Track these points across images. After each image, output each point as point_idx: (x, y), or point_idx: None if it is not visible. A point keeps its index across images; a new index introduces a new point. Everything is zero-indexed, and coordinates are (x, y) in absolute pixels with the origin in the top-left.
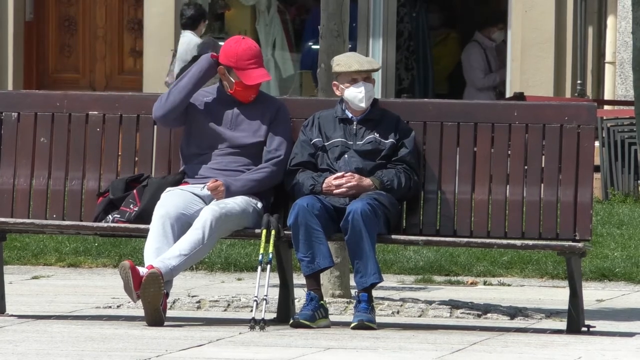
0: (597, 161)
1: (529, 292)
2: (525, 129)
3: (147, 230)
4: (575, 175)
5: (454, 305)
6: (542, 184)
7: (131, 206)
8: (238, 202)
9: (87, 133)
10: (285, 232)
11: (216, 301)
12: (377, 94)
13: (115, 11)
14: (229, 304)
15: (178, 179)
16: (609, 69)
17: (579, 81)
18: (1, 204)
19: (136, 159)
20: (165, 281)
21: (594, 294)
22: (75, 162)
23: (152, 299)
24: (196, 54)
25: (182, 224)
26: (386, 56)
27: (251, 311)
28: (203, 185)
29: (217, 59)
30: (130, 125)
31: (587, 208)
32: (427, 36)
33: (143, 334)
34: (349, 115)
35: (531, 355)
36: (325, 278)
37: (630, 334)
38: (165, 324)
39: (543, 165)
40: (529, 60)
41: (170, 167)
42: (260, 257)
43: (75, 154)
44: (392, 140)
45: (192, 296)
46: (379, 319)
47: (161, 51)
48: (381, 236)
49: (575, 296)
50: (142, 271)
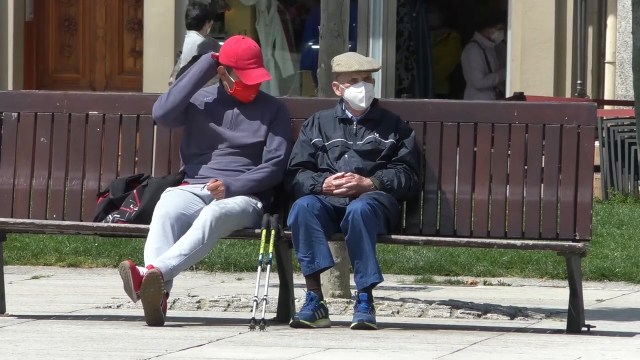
0: (597, 161)
1: (529, 292)
2: (525, 129)
3: (147, 230)
4: (575, 175)
5: (454, 305)
6: (542, 184)
7: (131, 206)
8: (238, 202)
9: (87, 133)
10: (285, 232)
11: (216, 301)
12: (377, 94)
13: (115, 11)
14: (229, 304)
15: (178, 179)
16: (609, 69)
17: (579, 81)
18: (1, 204)
19: (136, 159)
20: (165, 281)
21: (594, 294)
22: (75, 162)
23: (152, 299)
24: (196, 54)
25: (182, 224)
26: (386, 56)
27: (251, 311)
28: (203, 185)
29: (217, 59)
30: (130, 125)
31: (587, 208)
32: (427, 36)
33: (143, 334)
34: (349, 115)
35: (531, 355)
36: (325, 278)
37: (630, 334)
38: (165, 324)
39: (543, 165)
40: (529, 60)
41: (170, 167)
42: (260, 257)
43: (75, 154)
44: (392, 140)
45: (192, 296)
46: (379, 319)
47: (161, 51)
48: (381, 236)
49: (575, 296)
50: (142, 271)
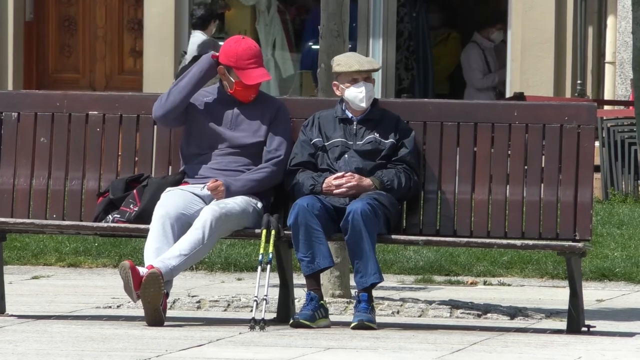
0: (597, 161)
1: (529, 292)
2: (525, 129)
3: (147, 230)
4: (575, 175)
5: (454, 305)
6: (542, 184)
7: (131, 206)
8: (238, 202)
9: (87, 133)
10: (285, 232)
11: (216, 301)
12: (377, 94)
13: (115, 11)
14: (229, 304)
15: (178, 179)
16: (609, 69)
17: (579, 81)
18: (1, 204)
19: (136, 159)
20: (165, 281)
21: (594, 294)
22: (75, 162)
23: (152, 299)
24: (196, 54)
25: (182, 224)
26: (386, 56)
27: (251, 311)
28: (203, 185)
29: (217, 58)
30: (130, 125)
31: (587, 208)
32: (427, 36)
33: (143, 334)
34: (349, 115)
35: (531, 355)
36: (325, 278)
37: (630, 334)
38: (165, 324)
39: (543, 165)
40: (529, 60)
41: (170, 167)
42: (260, 257)
43: (75, 154)
44: (392, 140)
45: (192, 296)
46: (379, 319)
47: (161, 51)
48: (381, 236)
49: (575, 296)
50: (142, 271)
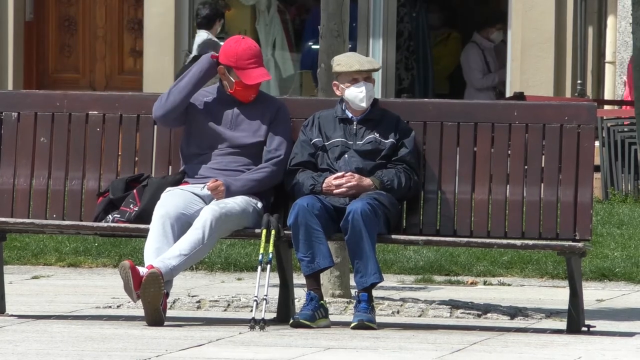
0: (597, 161)
1: (529, 292)
2: (525, 129)
3: (147, 230)
4: (575, 175)
5: (454, 305)
6: (542, 184)
7: (131, 206)
8: (238, 202)
9: (87, 133)
10: (285, 232)
11: (216, 301)
12: (377, 94)
13: (115, 11)
14: (229, 304)
15: (178, 179)
16: (609, 69)
17: (579, 81)
18: (1, 204)
19: (136, 159)
20: (165, 281)
21: (594, 294)
22: (75, 162)
23: (152, 298)
24: (196, 54)
25: (182, 224)
26: (386, 56)
27: (251, 311)
28: (203, 185)
29: (217, 58)
30: (130, 125)
31: (587, 208)
32: (427, 36)
33: (143, 334)
34: (349, 115)
35: (531, 355)
36: (325, 278)
37: (630, 334)
38: (165, 324)
39: (543, 165)
40: (529, 60)
41: (170, 167)
42: (260, 257)
43: (75, 154)
44: (392, 140)
45: (192, 296)
46: (379, 319)
47: (161, 51)
48: (381, 236)
49: (575, 296)
50: (142, 271)
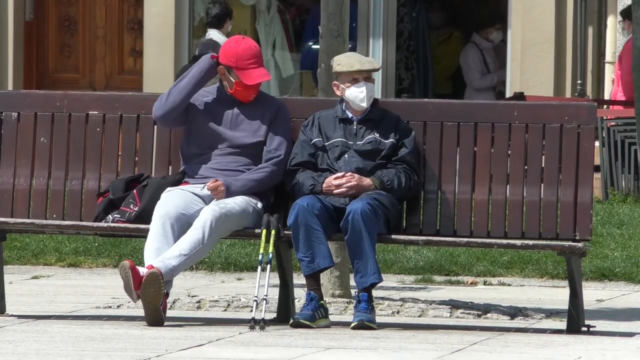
0: (597, 161)
1: (529, 292)
2: (525, 129)
3: (147, 230)
4: (575, 175)
5: (454, 305)
6: (542, 184)
7: (131, 206)
8: (238, 202)
9: (87, 133)
10: (285, 232)
11: (216, 301)
12: (377, 94)
13: (115, 11)
14: (229, 304)
15: (178, 179)
16: (609, 69)
17: (579, 81)
18: (1, 204)
19: (136, 159)
20: (165, 281)
21: (594, 294)
22: (75, 162)
23: (152, 299)
24: (196, 54)
25: (182, 224)
26: (386, 56)
27: (251, 311)
28: (203, 185)
29: (217, 59)
30: (130, 125)
31: (587, 208)
32: (427, 36)
33: (143, 334)
34: (349, 115)
35: (531, 355)
36: (325, 278)
37: (630, 334)
38: (165, 324)
39: (543, 165)
40: (529, 60)
41: (170, 167)
42: (260, 257)
43: (75, 154)
44: (392, 140)
45: (192, 296)
46: (379, 319)
47: (161, 51)
48: (381, 236)
49: (575, 296)
50: (142, 271)
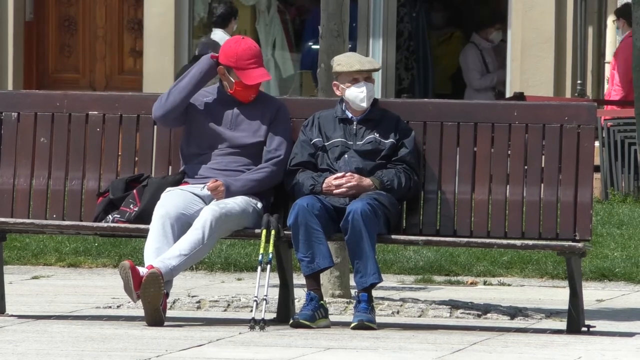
0: (597, 161)
1: (529, 292)
2: (525, 129)
3: (147, 230)
4: (575, 175)
5: (454, 305)
6: (542, 184)
7: (131, 206)
8: (238, 202)
9: (87, 133)
10: (285, 232)
11: (216, 301)
12: (377, 94)
13: (115, 11)
14: (229, 304)
15: (178, 179)
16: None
17: (579, 81)
18: (1, 204)
19: (136, 159)
20: (165, 281)
21: (594, 294)
22: (75, 162)
23: (152, 299)
24: (196, 54)
25: (182, 224)
26: (386, 56)
27: (251, 311)
28: (203, 185)
29: (217, 59)
30: (130, 125)
31: (587, 208)
32: (427, 36)
33: (143, 334)
34: (349, 115)
35: (531, 355)
36: (325, 278)
37: (630, 334)
38: (165, 324)
39: (543, 165)
40: (529, 60)
41: (170, 167)
42: (260, 257)
43: (75, 154)
44: (392, 140)
45: (192, 296)
46: (379, 319)
47: (161, 51)
48: (381, 236)
49: (575, 296)
50: (142, 271)
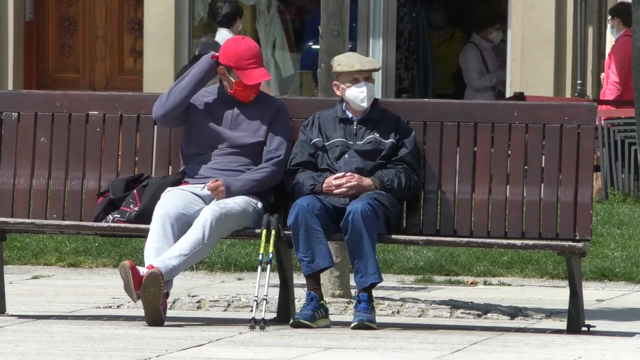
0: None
1: (529, 292)
2: (525, 129)
3: (147, 230)
4: (575, 175)
5: (454, 305)
6: (542, 184)
7: (131, 206)
8: (238, 202)
9: (87, 133)
10: (285, 232)
11: (216, 301)
12: (377, 94)
13: (115, 11)
14: (229, 304)
15: (178, 179)
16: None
17: (579, 81)
18: (1, 204)
19: (136, 159)
20: (165, 281)
21: (594, 294)
22: (75, 162)
23: (152, 299)
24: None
25: (182, 224)
26: (386, 56)
27: (251, 311)
28: (203, 185)
29: (217, 59)
30: (130, 125)
31: (587, 208)
32: (427, 36)
33: (143, 334)
34: (349, 115)
35: (531, 355)
36: (325, 278)
37: (630, 334)
38: (165, 324)
39: (543, 165)
40: (529, 60)
41: (170, 167)
42: (260, 257)
43: (75, 154)
44: (392, 140)
45: (192, 296)
46: (379, 319)
47: (161, 51)
48: (381, 236)
49: (575, 296)
50: (142, 271)
